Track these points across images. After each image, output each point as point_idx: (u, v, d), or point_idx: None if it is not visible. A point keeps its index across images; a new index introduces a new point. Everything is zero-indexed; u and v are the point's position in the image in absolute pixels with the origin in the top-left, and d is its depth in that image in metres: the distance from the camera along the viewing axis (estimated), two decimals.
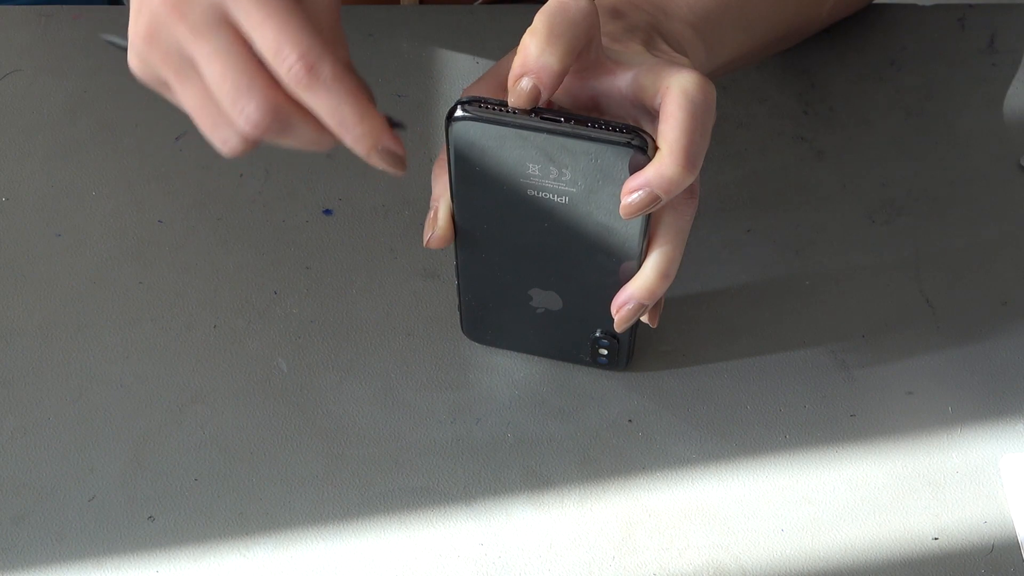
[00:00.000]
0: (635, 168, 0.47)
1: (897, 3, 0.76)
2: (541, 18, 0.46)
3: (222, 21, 0.45)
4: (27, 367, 0.59)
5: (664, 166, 0.46)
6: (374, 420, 0.57)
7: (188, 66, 0.46)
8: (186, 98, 0.47)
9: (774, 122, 0.70)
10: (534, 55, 0.46)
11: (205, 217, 0.65)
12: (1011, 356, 0.60)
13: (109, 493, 0.55)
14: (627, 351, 0.57)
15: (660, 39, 0.52)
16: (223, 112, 0.46)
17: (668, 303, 0.60)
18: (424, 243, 0.52)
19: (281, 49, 0.44)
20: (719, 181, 0.66)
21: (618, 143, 0.46)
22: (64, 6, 0.75)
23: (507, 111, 0.47)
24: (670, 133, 0.46)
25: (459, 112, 0.48)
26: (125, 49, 0.52)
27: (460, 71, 0.72)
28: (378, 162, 0.47)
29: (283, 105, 0.45)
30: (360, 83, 0.45)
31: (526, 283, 0.55)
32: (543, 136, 0.47)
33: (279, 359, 0.60)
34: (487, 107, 0.47)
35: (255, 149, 0.48)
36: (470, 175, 0.50)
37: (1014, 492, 0.55)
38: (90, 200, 0.66)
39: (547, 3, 0.46)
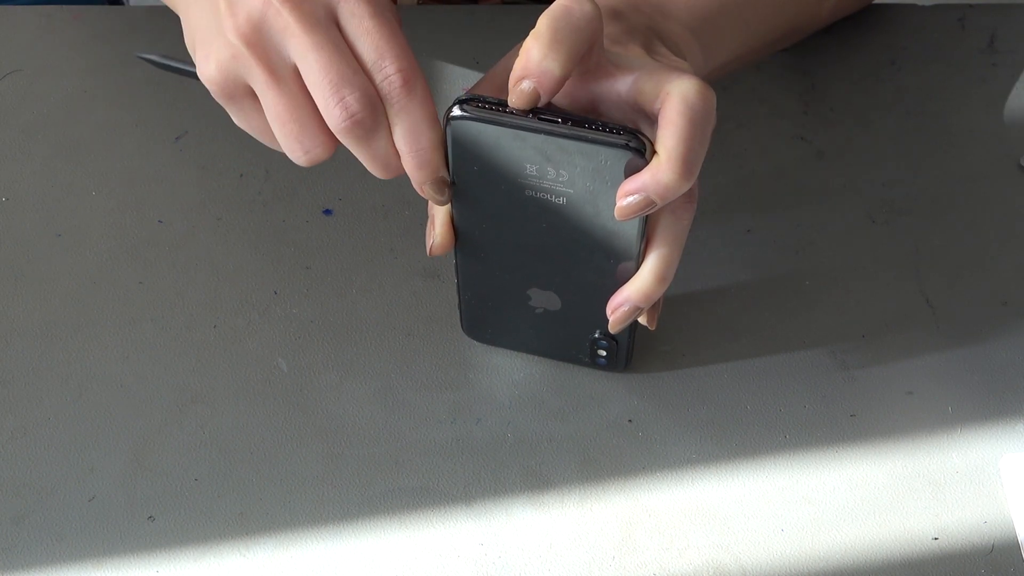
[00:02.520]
0: (632, 170, 0.47)
1: (897, 3, 0.76)
2: (545, 21, 0.46)
3: (333, 21, 0.47)
4: (27, 367, 0.59)
5: (661, 172, 0.46)
6: (374, 420, 0.57)
7: (285, 66, 0.47)
8: (275, 101, 0.48)
9: (774, 122, 0.70)
10: (536, 59, 0.46)
11: (205, 217, 0.65)
12: (1011, 356, 0.60)
13: (109, 493, 0.55)
14: (626, 352, 0.57)
15: (659, 42, 0.52)
16: (310, 119, 0.47)
17: (668, 303, 0.60)
18: (428, 252, 0.53)
19: (383, 57, 0.46)
20: (719, 181, 0.66)
21: (615, 145, 0.46)
22: (64, 6, 0.75)
23: (505, 111, 0.47)
24: (668, 140, 0.46)
25: (457, 111, 0.48)
26: (165, 67, 0.53)
27: (460, 71, 0.72)
28: (429, 191, 0.49)
29: (378, 103, 0.47)
30: (437, 114, 0.48)
31: (525, 283, 0.55)
32: (541, 137, 0.47)
33: (279, 359, 0.60)
34: (486, 106, 0.47)
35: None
36: (468, 174, 0.50)
37: (1014, 492, 0.55)
38: (90, 200, 0.66)
39: (551, 6, 0.46)
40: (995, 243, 0.64)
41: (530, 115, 0.47)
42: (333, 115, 0.47)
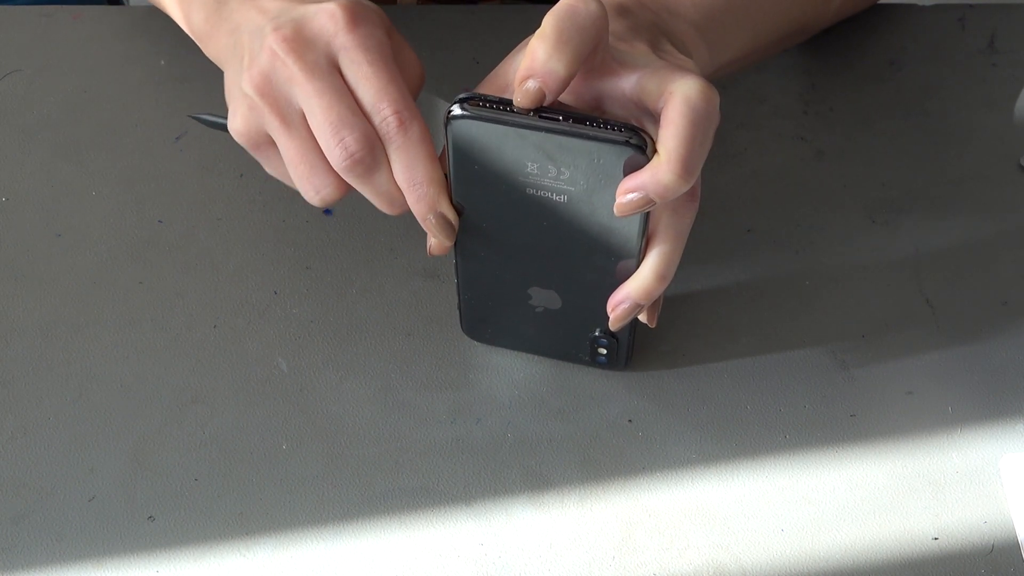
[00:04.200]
0: (633, 168, 0.47)
1: (897, 3, 0.76)
2: (550, 21, 0.46)
3: (333, 66, 0.50)
4: (27, 367, 0.59)
5: (660, 173, 0.46)
6: (374, 420, 0.57)
7: (294, 112, 0.50)
8: (288, 145, 0.51)
9: (774, 122, 0.70)
10: (541, 60, 0.45)
11: (205, 217, 0.65)
12: (1011, 356, 0.60)
13: (109, 493, 0.55)
14: (626, 351, 0.57)
15: (665, 39, 0.52)
16: (319, 161, 0.50)
17: (668, 303, 0.60)
18: (427, 252, 0.53)
19: (380, 100, 0.49)
20: (719, 181, 0.66)
21: (617, 142, 0.46)
22: (64, 6, 0.75)
23: (506, 109, 0.47)
24: (669, 141, 0.46)
25: (457, 110, 0.48)
26: (215, 125, 0.56)
27: (460, 71, 0.72)
28: (431, 227, 0.51)
29: (376, 143, 0.50)
30: (435, 152, 0.50)
31: (525, 281, 0.55)
32: (542, 135, 0.47)
33: (279, 359, 0.60)
34: (486, 105, 0.47)
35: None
36: (469, 173, 0.50)
37: (1014, 492, 0.55)
38: (90, 200, 0.66)
39: (557, 5, 0.46)
40: (995, 243, 0.64)
41: (531, 113, 0.47)
42: (334, 155, 0.49)
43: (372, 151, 0.49)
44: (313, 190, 0.51)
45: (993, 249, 0.64)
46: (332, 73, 0.50)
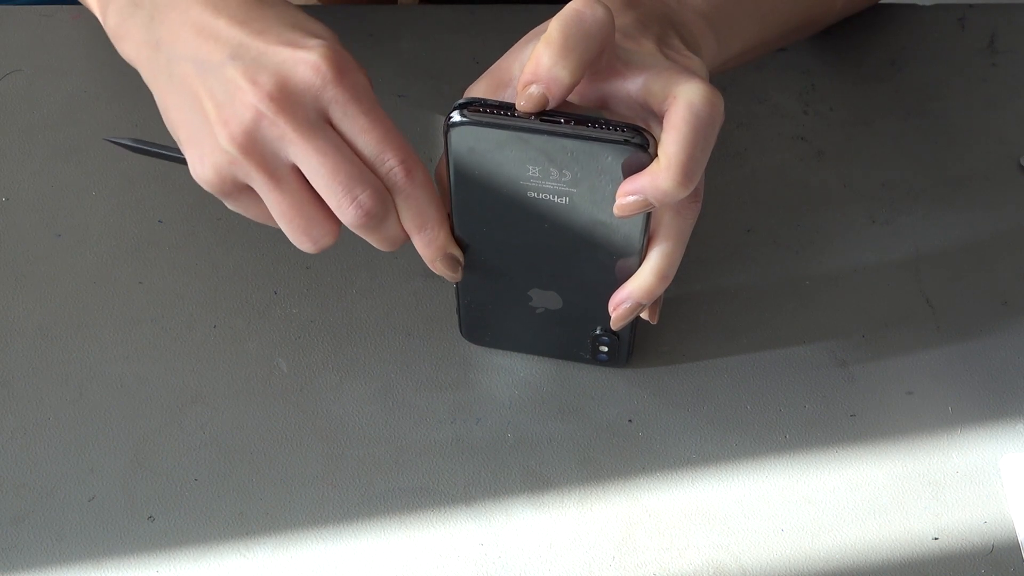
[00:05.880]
0: (636, 167, 0.47)
1: (897, 3, 0.76)
2: (556, 26, 0.45)
3: (325, 121, 0.49)
4: (27, 367, 0.59)
5: (660, 178, 0.46)
6: (374, 420, 0.57)
7: (283, 167, 0.49)
8: (279, 201, 0.50)
9: (774, 122, 0.70)
10: (546, 65, 0.45)
11: (205, 217, 0.65)
12: (1011, 356, 0.60)
13: (109, 493, 0.55)
14: (627, 347, 0.57)
15: (673, 32, 0.52)
16: (315, 212, 0.50)
17: (668, 303, 0.60)
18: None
19: (383, 151, 0.49)
20: (719, 181, 0.66)
21: (619, 142, 0.46)
22: (64, 6, 0.75)
23: (505, 113, 0.47)
24: (671, 146, 0.46)
25: (457, 117, 0.47)
26: (142, 151, 0.55)
27: (460, 71, 0.72)
28: (440, 267, 0.52)
29: (386, 195, 0.49)
30: (438, 195, 0.51)
31: (526, 284, 0.55)
32: (543, 138, 0.47)
33: (279, 359, 0.60)
34: (485, 110, 0.47)
35: None
36: (470, 180, 0.49)
37: (1014, 492, 0.55)
38: (90, 200, 0.66)
39: (563, 10, 0.46)
40: (995, 243, 0.64)
41: (531, 116, 0.47)
42: (348, 214, 0.49)
43: (384, 204, 0.49)
44: (310, 240, 0.51)
45: (993, 249, 0.64)
46: (326, 128, 0.49)
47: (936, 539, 0.54)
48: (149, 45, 0.52)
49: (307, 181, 0.49)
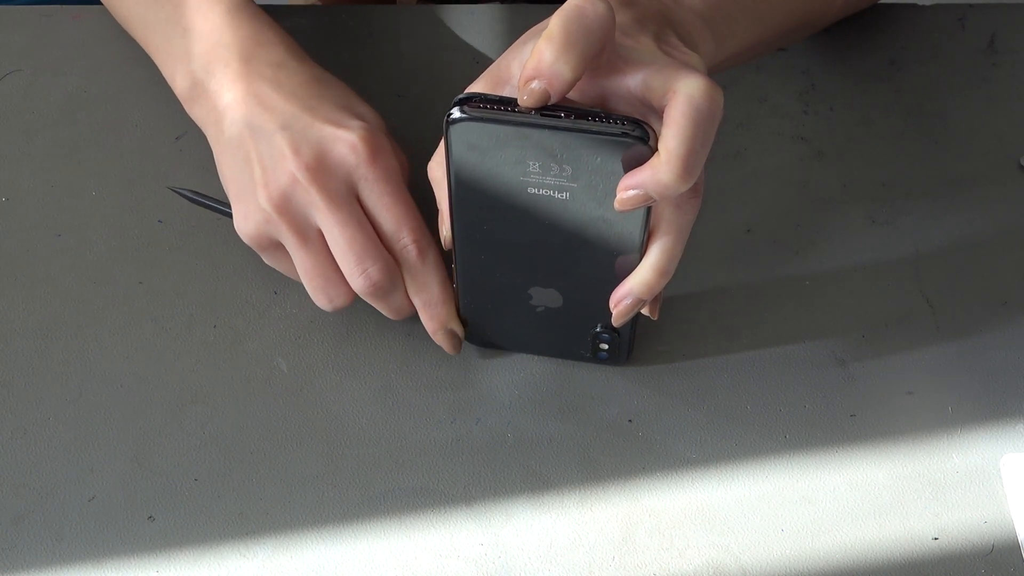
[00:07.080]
0: (637, 161, 0.47)
1: (897, 3, 0.76)
2: (558, 22, 0.45)
3: (353, 195, 0.55)
4: (27, 367, 0.59)
5: (660, 172, 0.46)
6: (374, 420, 0.57)
7: (311, 230, 0.55)
8: (304, 259, 0.55)
9: (774, 122, 0.70)
10: (548, 61, 0.45)
11: (205, 217, 0.65)
12: (1011, 356, 0.60)
13: (109, 493, 0.55)
14: (628, 345, 0.57)
15: (670, 30, 0.52)
16: (333, 274, 0.55)
17: (668, 302, 0.60)
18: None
19: (400, 229, 0.55)
20: (719, 181, 0.66)
21: (619, 136, 0.46)
22: (64, 6, 0.75)
23: (505, 109, 0.47)
24: (671, 140, 0.46)
25: (457, 113, 0.47)
26: (199, 202, 0.61)
27: (460, 71, 0.72)
28: (441, 339, 0.57)
29: (395, 270, 0.55)
30: (447, 275, 0.56)
31: (526, 282, 0.55)
32: (544, 132, 0.47)
33: (279, 359, 0.60)
34: (485, 106, 0.47)
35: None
36: (470, 176, 0.49)
37: (1014, 492, 0.55)
38: (90, 200, 0.66)
39: (564, 6, 0.46)
40: (995, 243, 0.64)
41: (532, 112, 0.47)
42: (357, 283, 0.55)
43: (392, 278, 0.55)
44: (327, 299, 0.56)
45: (993, 249, 0.64)
46: (352, 203, 0.54)
47: (936, 539, 0.54)
48: (217, 110, 0.58)
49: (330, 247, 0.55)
